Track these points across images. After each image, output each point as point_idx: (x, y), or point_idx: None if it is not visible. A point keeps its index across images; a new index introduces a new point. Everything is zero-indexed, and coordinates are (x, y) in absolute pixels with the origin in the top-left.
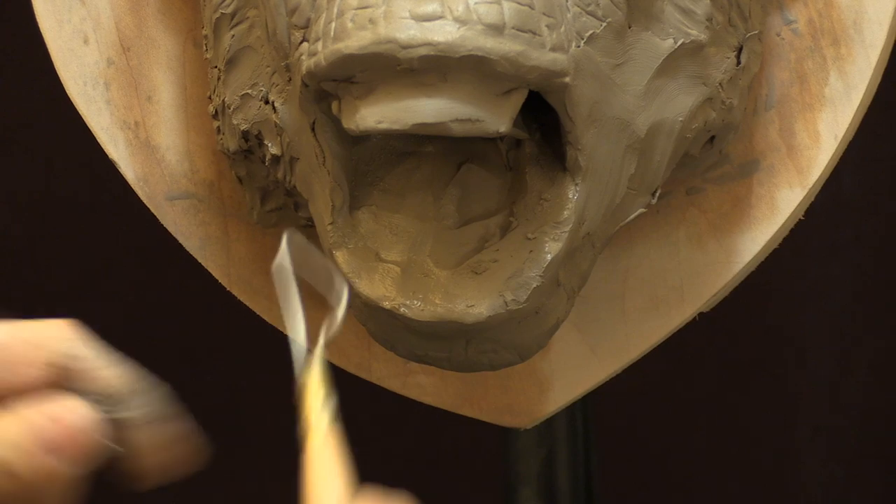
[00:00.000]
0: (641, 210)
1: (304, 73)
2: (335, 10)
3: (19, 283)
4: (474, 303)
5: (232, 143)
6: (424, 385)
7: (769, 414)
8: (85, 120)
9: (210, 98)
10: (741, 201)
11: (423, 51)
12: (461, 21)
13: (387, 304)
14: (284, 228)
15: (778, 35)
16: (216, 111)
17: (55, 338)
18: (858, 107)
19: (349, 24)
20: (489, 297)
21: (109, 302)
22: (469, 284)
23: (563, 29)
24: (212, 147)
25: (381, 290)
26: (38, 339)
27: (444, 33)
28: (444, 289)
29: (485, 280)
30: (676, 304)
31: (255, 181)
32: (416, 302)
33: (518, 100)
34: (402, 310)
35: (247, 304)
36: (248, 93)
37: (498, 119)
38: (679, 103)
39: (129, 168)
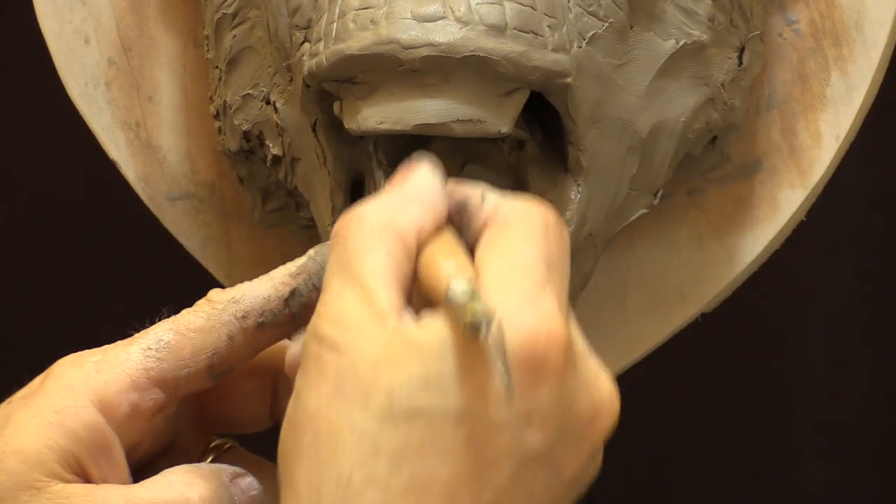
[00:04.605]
0: (643, 210)
1: (305, 73)
2: (337, 10)
3: (19, 283)
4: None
5: (233, 144)
6: None
7: (769, 414)
8: (86, 120)
9: (211, 98)
10: (743, 202)
11: (424, 51)
12: (463, 22)
13: None
14: (285, 228)
15: (780, 35)
16: (217, 111)
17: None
18: (860, 107)
19: (351, 25)
20: None
21: (109, 302)
22: None
23: (564, 29)
24: (213, 147)
25: None
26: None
27: (445, 34)
28: None
29: None
30: (678, 304)
31: (257, 181)
32: None
33: (520, 100)
34: None
35: None
36: (249, 93)
37: (500, 120)
38: (681, 104)
39: (129, 168)
